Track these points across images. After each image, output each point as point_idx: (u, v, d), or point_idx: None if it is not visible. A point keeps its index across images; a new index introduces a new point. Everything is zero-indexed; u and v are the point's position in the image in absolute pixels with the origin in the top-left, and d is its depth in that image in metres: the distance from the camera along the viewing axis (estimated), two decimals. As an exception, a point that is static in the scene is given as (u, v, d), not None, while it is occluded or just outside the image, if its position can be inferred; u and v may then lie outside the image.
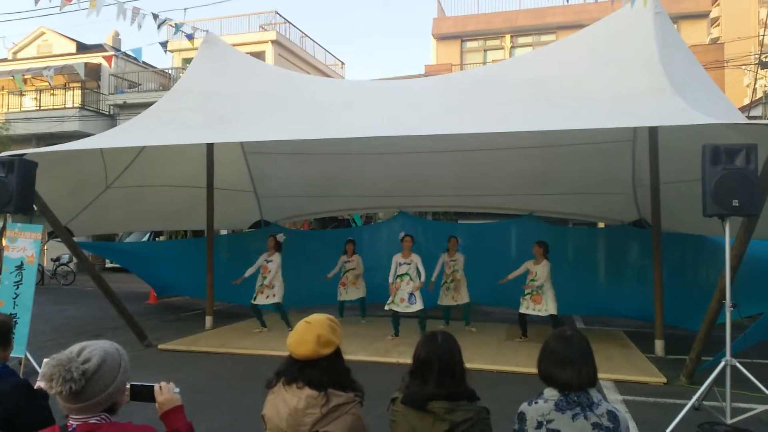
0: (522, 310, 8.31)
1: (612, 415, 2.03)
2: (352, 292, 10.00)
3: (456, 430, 2.08)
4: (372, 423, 2.37)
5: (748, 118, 13.09)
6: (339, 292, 10.01)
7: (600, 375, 6.24)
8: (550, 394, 2.11)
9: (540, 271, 8.25)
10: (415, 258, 8.33)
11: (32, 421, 2.32)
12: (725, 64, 16.93)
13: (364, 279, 10.04)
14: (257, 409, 2.22)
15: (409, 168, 10.29)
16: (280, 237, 9.25)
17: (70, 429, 1.68)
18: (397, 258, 8.42)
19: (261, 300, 8.99)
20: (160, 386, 1.90)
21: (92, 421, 1.68)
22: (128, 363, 1.81)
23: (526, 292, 8.29)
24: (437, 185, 10.74)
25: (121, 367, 1.76)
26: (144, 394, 1.88)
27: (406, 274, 8.28)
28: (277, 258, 9.05)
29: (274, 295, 8.95)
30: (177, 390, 1.93)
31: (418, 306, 8.19)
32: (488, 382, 5.92)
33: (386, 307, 8.36)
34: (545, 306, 8.14)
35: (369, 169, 10.57)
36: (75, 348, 1.72)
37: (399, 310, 8.27)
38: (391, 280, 8.36)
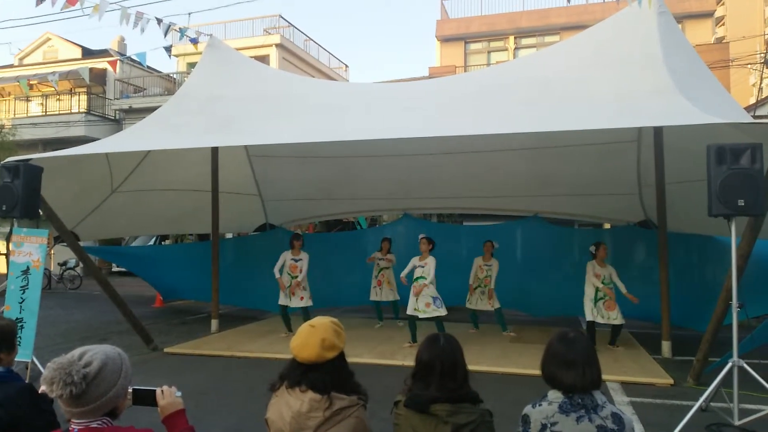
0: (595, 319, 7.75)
1: (617, 418, 2.02)
2: (386, 292, 9.83)
3: (459, 433, 2.07)
4: (377, 426, 2.37)
5: (754, 117, 13.01)
6: (374, 291, 9.85)
7: (607, 376, 6.15)
8: (554, 396, 2.09)
9: (611, 274, 7.83)
10: (431, 261, 7.97)
11: (37, 426, 2.33)
12: (730, 64, 16.87)
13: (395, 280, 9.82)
14: (263, 413, 2.22)
15: (413, 170, 10.29)
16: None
17: (72, 433, 1.69)
18: (415, 260, 8.13)
19: (295, 302, 8.76)
20: (162, 390, 1.91)
21: (94, 425, 1.69)
22: (130, 367, 1.81)
23: (598, 297, 7.77)
24: (442, 187, 10.73)
25: (123, 371, 1.76)
26: (146, 398, 1.89)
27: (423, 277, 7.91)
28: (305, 257, 8.88)
29: (302, 298, 8.78)
30: (179, 394, 1.93)
31: (443, 311, 7.85)
32: (493, 384, 5.90)
33: (408, 312, 7.95)
34: (617, 314, 7.71)
35: (373, 172, 10.57)
36: (76, 352, 1.73)
37: (424, 315, 7.81)
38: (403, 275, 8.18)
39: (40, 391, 2.32)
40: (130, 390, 1.83)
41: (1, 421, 2.26)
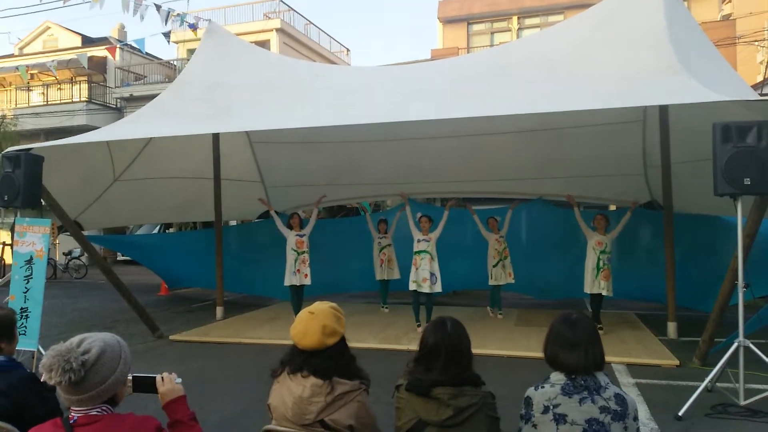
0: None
1: (620, 398, 2.00)
2: (389, 272, 9.72)
3: (461, 416, 2.06)
4: (380, 410, 2.35)
5: (761, 95, 12.84)
6: (379, 270, 9.73)
7: (612, 358, 6.14)
8: (557, 378, 2.08)
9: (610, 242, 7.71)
10: (434, 235, 7.91)
11: (39, 413, 2.33)
12: (737, 41, 16.62)
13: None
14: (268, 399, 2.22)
15: (416, 154, 10.22)
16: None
17: (71, 421, 1.68)
18: (417, 234, 7.97)
19: (305, 280, 8.60)
20: (162, 377, 1.90)
21: (93, 412, 1.68)
22: (129, 355, 1.80)
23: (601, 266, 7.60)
24: (445, 171, 10.65)
25: (122, 358, 1.75)
26: (146, 385, 1.88)
27: (426, 251, 7.79)
28: (308, 230, 8.87)
29: (306, 276, 8.64)
30: (179, 380, 1.93)
31: (438, 287, 7.76)
32: (499, 366, 5.91)
33: (411, 288, 7.83)
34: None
35: (376, 157, 10.51)
36: (75, 339, 1.72)
37: (424, 290, 7.70)
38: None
39: (42, 380, 2.32)
40: (130, 377, 1.82)
41: (4, 409, 2.26)
